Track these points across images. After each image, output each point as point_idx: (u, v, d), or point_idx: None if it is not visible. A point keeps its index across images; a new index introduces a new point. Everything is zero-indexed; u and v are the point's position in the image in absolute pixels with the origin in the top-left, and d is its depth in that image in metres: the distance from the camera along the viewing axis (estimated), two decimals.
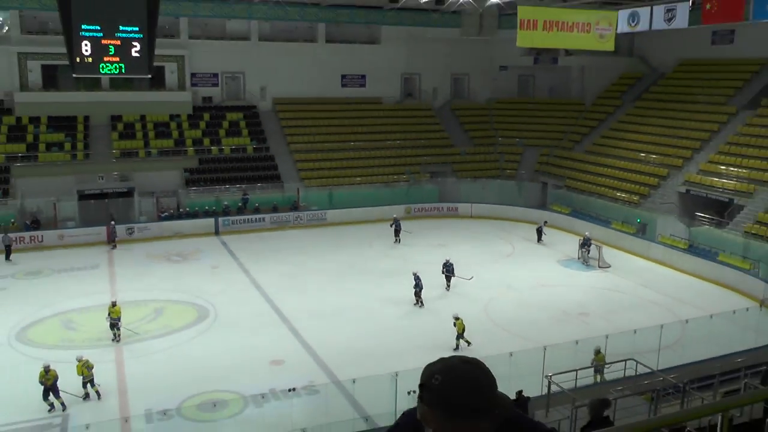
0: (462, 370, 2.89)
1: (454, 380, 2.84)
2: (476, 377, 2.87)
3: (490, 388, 2.89)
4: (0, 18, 48.05)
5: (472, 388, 2.83)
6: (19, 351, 25.30)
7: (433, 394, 2.86)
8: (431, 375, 2.91)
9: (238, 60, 52.44)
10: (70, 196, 42.68)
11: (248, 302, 30.02)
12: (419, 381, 2.98)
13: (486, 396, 2.84)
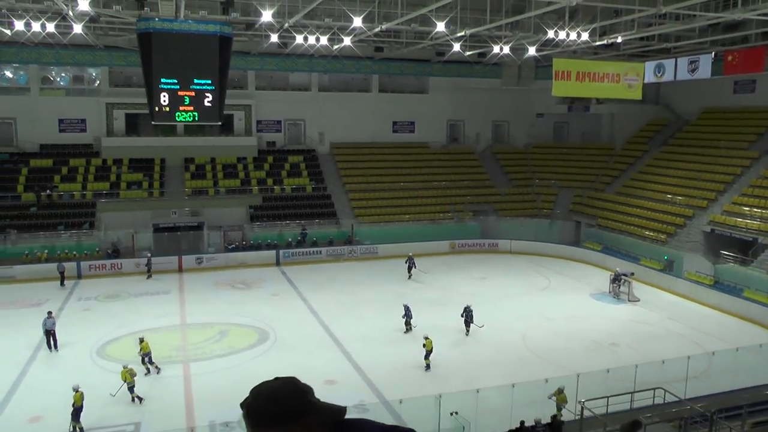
0: (265, 385, 2.83)
1: (255, 395, 2.78)
2: (276, 388, 2.81)
3: (294, 397, 2.81)
4: (93, 73, 49.87)
5: (270, 399, 2.76)
6: (98, 365, 25.74)
7: (243, 411, 2.77)
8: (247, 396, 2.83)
9: (300, 108, 53.44)
10: (147, 229, 43.67)
11: (305, 327, 30.00)
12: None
13: (288, 404, 2.76)
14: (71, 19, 32.96)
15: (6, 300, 34.60)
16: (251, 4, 32.71)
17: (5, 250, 40.79)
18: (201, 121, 26.24)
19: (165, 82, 25.00)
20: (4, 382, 23.72)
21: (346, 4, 32.12)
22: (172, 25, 24.92)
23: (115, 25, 38.64)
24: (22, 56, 45.47)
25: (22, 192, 45.29)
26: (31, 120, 48.30)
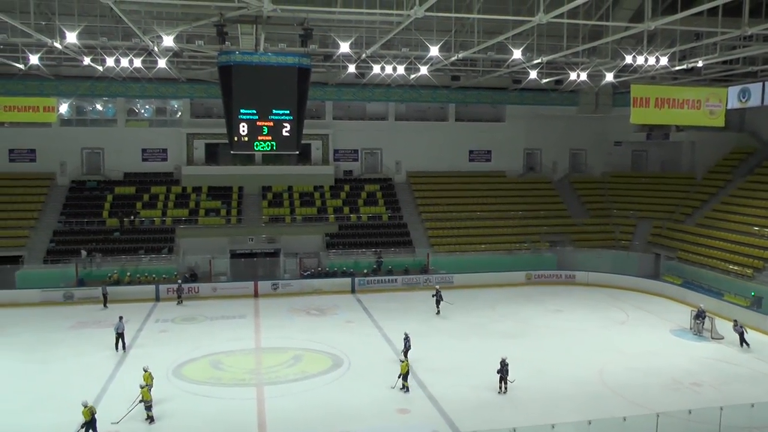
0: None
1: None
2: None
3: None
4: (175, 105, 51.98)
5: None
6: (174, 385, 26.46)
7: None
8: None
9: (376, 137, 54.20)
10: (224, 255, 45.01)
11: (379, 354, 30.01)
12: None
13: None
14: (156, 55, 34.51)
15: (90, 319, 36.46)
16: (329, 35, 33.54)
17: (90, 272, 42.68)
18: (279, 151, 26.89)
19: (244, 112, 25.80)
20: (87, 397, 24.29)
21: (423, 33, 32.57)
22: (252, 58, 25.73)
23: (197, 59, 40.37)
24: (111, 90, 48.22)
25: (107, 217, 47.65)
26: (117, 150, 51.03)
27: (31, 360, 29.65)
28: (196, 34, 32.52)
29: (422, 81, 44.15)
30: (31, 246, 44.84)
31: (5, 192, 48.25)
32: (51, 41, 30.38)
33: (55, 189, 50.03)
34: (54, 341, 32.65)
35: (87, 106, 52.21)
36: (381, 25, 31.15)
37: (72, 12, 30.46)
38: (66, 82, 47.39)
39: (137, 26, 29.15)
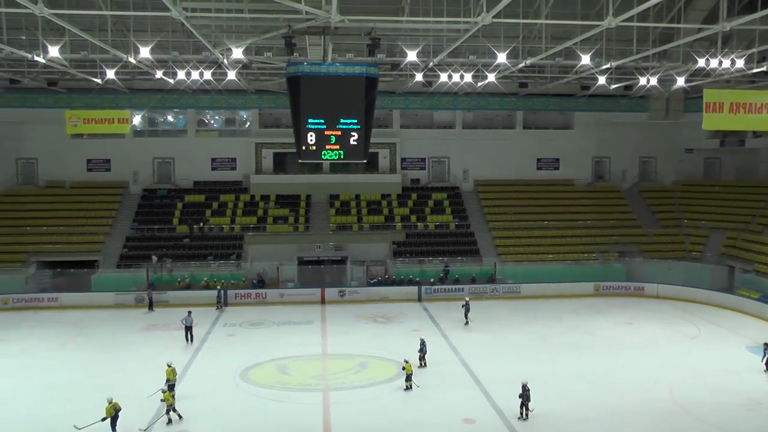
0: None
1: None
2: None
3: None
4: (244, 115, 53.22)
5: None
6: (241, 388, 27.09)
7: None
8: None
9: (444, 146, 54.35)
10: (291, 262, 45.73)
11: (445, 363, 29.94)
12: None
13: None
14: (226, 67, 35.44)
15: (160, 322, 37.91)
16: (397, 44, 33.80)
17: (161, 277, 44.18)
18: (347, 159, 27.19)
19: (312, 122, 26.19)
20: (157, 396, 25.24)
21: (491, 40, 32.54)
22: (320, 69, 26.08)
23: (265, 71, 41.31)
24: (182, 102, 50.05)
25: (177, 224, 49.31)
26: (187, 159, 52.81)
27: (104, 360, 31.02)
28: (264, 46, 33.21)
29: (490, 88, 44.01)
30: (106, 251, 46.82)
31: (83, 200, 50.73)
32: (126, 56, 31.71)
33: (128, 197, 52.03)
34: (125, 342, 34.13)
35: (159, 118, 54.11)
36: (448, 33, 31.24)
37: (145, 28, 31.74)
38: (139, 95, 49.34)
39: (208, 40, 30.05)
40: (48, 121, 48.95)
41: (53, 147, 51.25)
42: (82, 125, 42.06)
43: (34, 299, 42.21)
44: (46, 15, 23.18)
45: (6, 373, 29.12)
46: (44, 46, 30.08)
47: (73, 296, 42.44)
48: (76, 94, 49.33)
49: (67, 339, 34.78)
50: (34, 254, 46.34)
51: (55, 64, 36.11)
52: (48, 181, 52.49)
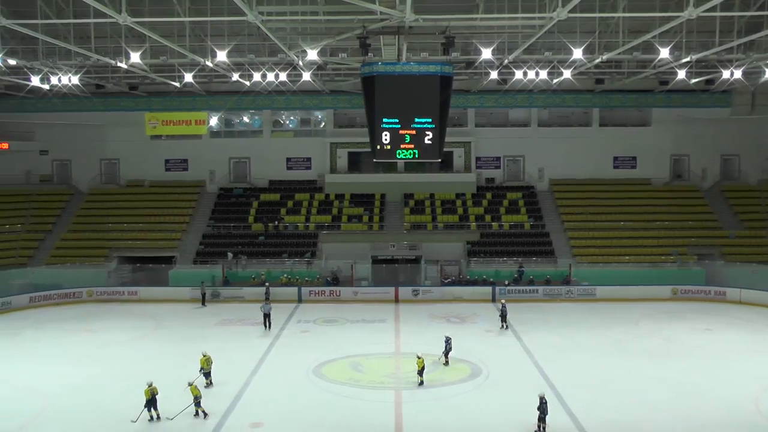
0: None
1: None
2: None
3: None
4: (319, 116, 53.88)
5: None
6: (314, 384, 27.46)
7: None
8: None
9: (519, 144, 53.79)
10: (365, 260, 45.91)
11: (518, 366, 29.64)
12: None
13: None
14: (301, 68, 35.94)
15: (235, 317, 39.01)
16: (471, 42, 33.58)
17: (236, 273, 45.26)
18: (421, 159, 27.24)
19: (387, 121, 26.31)
20: (231, 390, 26.45)
21: (566, 36, 31.99)
22: (394, 68, 26.18)
23: (340, 71, 41.70)
24: (258, 103, 51.34)
25: (252, 222, 50.50)
26: (263, 159, 54.03)
27: (181, 353, 31.89)
28: (339, 47, 33.45)
29: (565, 85, 43.41)
30: (183, 248, 48.37)
31: (161, 198, 52.64)
32: (203, 60, 32.65)
33: (205, 196, 53.51)
34: (201, 336, 35.00)
35: (235, 119, 55.35)
36: (523, 30, 30.80)
37: (222, 33, 32.49)
38: (216, 97, 50.69)
39: (283, 42, 30.57)
40: (129, 123, 51.25)
41: (134, 148, 53.59)
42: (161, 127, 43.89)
43: (115, 292, 44.37)
44: (129, 23, 24.41)
45: (90, 361, 30.56)
46: (126, 53, 31.49)
47: (151, 290, 44.18)
48: (155, 97, 51.35)
49: (146, 331, 36.24)
50: (116, 250, 48.54)
51: (137, 69, 37.57)
52: (129, 180, 54.80)
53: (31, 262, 47.82)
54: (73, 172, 55.54)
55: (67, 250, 48.59)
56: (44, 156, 55.42)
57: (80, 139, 53.95)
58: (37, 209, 52.80)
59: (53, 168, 55.84)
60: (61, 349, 33.12)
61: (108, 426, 23.37)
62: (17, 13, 27.45)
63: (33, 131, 54.40)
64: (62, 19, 28.31)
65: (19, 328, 37.32)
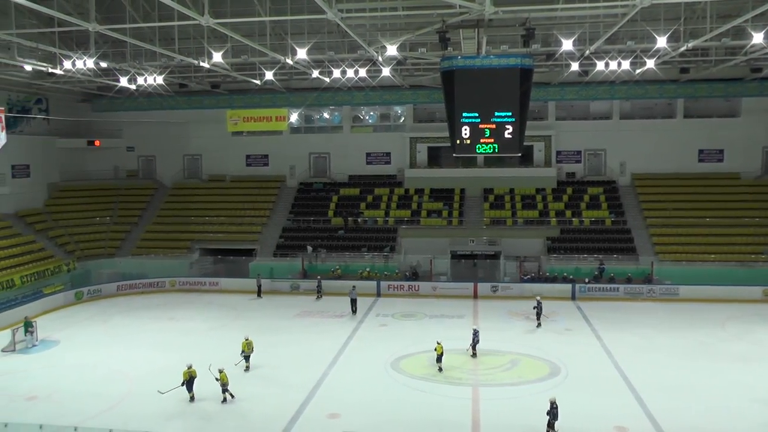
0: None
1: None
2: None
3: None
4: (398, 111, 54.03)
5: None
6: (392, 377, 27.74)
7: None
8: None
9: (600, 138, 52.58)
10: (444, 255, 45.80)
11: (598, 366, 29.01)
12: None
13: None
14: (380, 64, 36.04)
15: (315, 310, 39.76)
16: (552, 34, 33.05)
17: (315, 266, 45.97)
18: (501, 153, 26.98)
19: (467, 116, 26.15)
20: (310, 381, 27.07)
21: (650, 24, 31.07)
22: (474, 62, 25.94)
23: (419, 66, 41.65)
24: (337, 99, 51.78)
25: (332, 217, 51.11)
26: (343, 154, 54.66)
27: (261, 342, 32.34)
28: (418, 42, 33.48)
29: (648, 75, 42.18)
30: (263, 241, 49.45)
31: (242, 193, 53.98)
32: (284, 58, 33.16)
33: (285, 190, 54.49)
34: (281, 327, 36.06)
35: (315, 115, 56.02)
36: (605, 19, 30.00)
37: (302, 31, 32.94)
38: (296, 93, 51.36)
39: (362, 38, 30.74)
40: (211, 120, 52.91)
41: (215, 144, 55.30)
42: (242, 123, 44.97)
43: (197, 282, 45.77)
44: (211, 24, 25.32)
45: (173, 348, 31.84)
46: (209, 53, 32.33)
47: (232, 281, 45.25)
48: (236, 95, 52.71)
49: (226, 321, 37.23)
50: (198, 242, 50.17)
51: (218, 69, 38.67)
52: (211, 175, 56.45)
53: (118, 253, 50.09)
54: (157, 167, 57.94)
55: (151, 242, 50.63)
56: (131, 152, 58.03)
57: (164, 136, 56.28)
58: (124, 203, 55.19)
59: (139, 163, 58.31)
60: (145, 335, 34.85)
61: (187, 410, 24.50)
62: (108, 19, 28.86)
63: (121, 129, 57.04)
64: (148, 22, 29.38)
65: (108, 314, 39.47)
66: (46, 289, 41.79)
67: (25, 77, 41.44)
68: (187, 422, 23.40)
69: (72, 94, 53.39)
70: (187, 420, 23.68)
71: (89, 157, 57.31)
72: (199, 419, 23.67)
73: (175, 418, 23.86)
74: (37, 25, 32.15)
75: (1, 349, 32.13)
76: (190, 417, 23.94)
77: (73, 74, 38.16)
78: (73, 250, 49.02)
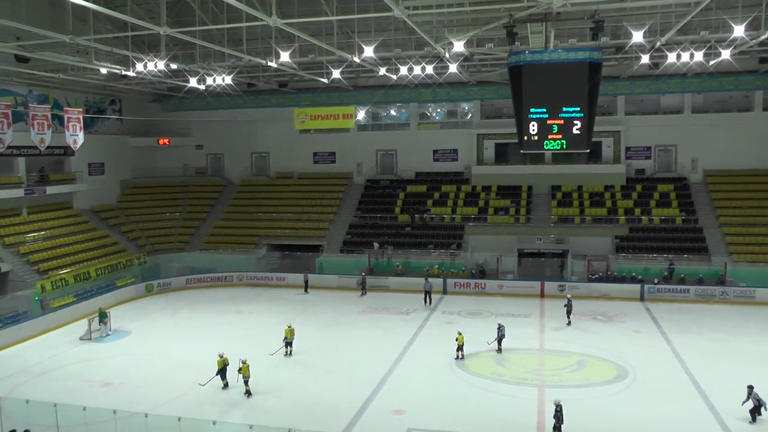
0: None
1: None
2: None
3: None
4: (465, 107, 53.67)
5: None
6: (457, 375, 27.67)
7: None
8: None
9: (671, 133, 50.98)
10: (511, 253, 45.35)
11: (667, 371, 28.04)
12: None
13: None
14: (447, 60, 35.86)
15: (380, 306, 39.87)
16: (621, 26, 32.34)
17: (382, 263, 45.98)
18: (569, 149, 26.43)
19: (534, 111, 25.77)
20: (375, 377, 27.21)
21: (726, 12, 30.09)
22: (541, 56, 25.53)
23: (487, 62, 41.37)
24: (404, 96, 51.91)
25: (398, 213, 51.06)
26: (410, 151, 54.63)
27: (326, 337, 33.41)
28: (485, 38, 33.15)
29: (723, 67, 40.71)
30: (330, 237, 49.93)
31: (309, 189, 54.60)
32: (351, 57, 33.31)
33: (352, 187, 54.78)
34: (346, 323, 36.41)
35: (382, 112, 56.17)
36: (677, 8, 29.05)
37: (369, 29, 33.18)
38: (363, 91, 51.65)
39: (429, 35, 30.62)
40: (279, 118, 53.64)
41: (283, 142, 56.14)
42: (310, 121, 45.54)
43: (264, 277, 46.56)
44: (279, 25, 25.77)
45: (241, 341, 32.39)
46: (276, 53, 32.71)
47: (298, 277, 45.48)
48: (304, 93, 53.32)
49: (292, 315, 37.42)
50: (265, 237, 51.07)
51: (286, 68, 39.25)
52: (278, 172, 57.30)
53: (187, 248, 51.38)
54: (225, 165, 59.20)
55: (219, 237, 51.74)
56: (199, 150, 59.48)
57: (232, 134, 57.39)
58: (193, 199, 56.61)
59: (207, 161, 59.69)
60: (212, 327, 35.74)
61: (251, 400, 25.16)
62: (178, 22, 29.73)
63: (190, 128, 58.54)
64: (217, 24, 30.07)
65: (177, 307, 40.65)
66: (118, 282, 43.60)
67: (100, 80, 42.88)
68: (251, 412, 23.82)
69: (143, 95, 55.19)
70: (252, 410, 24.15)
71: (159, 155, 59.09)
72: (263, 410, 24.09)
73: (239, 407, 24.47)
74: (111, 30, 33.49)
75: (79, 337, 34.05)
76: (255, 407, 24.45)
77: (144, 76, 39.36)
78: (144, 244, 50.56)
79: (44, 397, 24.02)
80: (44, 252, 43.27)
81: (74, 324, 36.30)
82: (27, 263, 41.61)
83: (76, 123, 37.87)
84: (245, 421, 20.29)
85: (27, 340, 33.84)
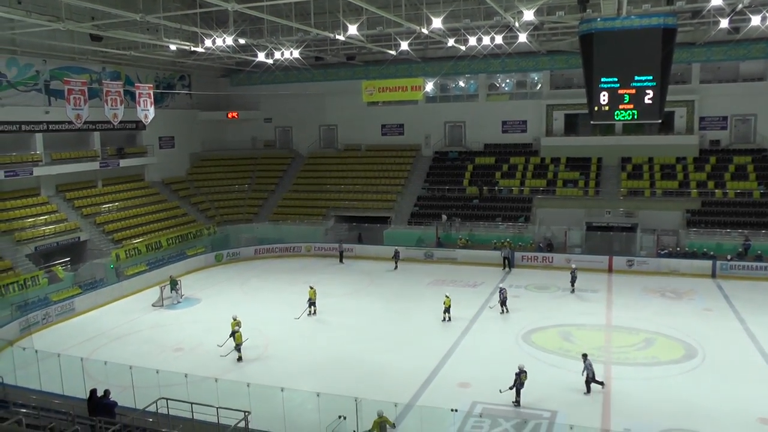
0: None
1: None
2: None
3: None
4: (535, 78, 52.89)
5: None
6: (523, 350, 27.55)
7: None
8: None
9: (750, 102, 48.52)
10: (579, 227, 44.68)
11: (740, 351, 27.13)
12: None
13: None
14: (516, 30, 35.20)
15: (448, 278, 39.98)
16: None
17: (449, 235, 46.11)
18: (640, 120, 25.88)
19: (605, 81, 25.30)
20: (442, 349, 27.48)
21: None
22: (614, 23, 25.00)
23: (557, 31, 40.44)
24: (473, 68, 51.17)
25: (467, 185, 50.91)
26: (478, 123, 54.14)
27: (394, 309, 33.76)
28: (556, 5, 32.52)
29: None
30: (398, 209, 50.06)
31: (377, 162, 54.79)
32: (419, 28, 33.03)
33: (420, 159, 54.66)
34: (414, 295, 36.68)
35: (450, 84, 55.68)
36: None
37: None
38: (431, 63, 51.27)
39: (498, 4, 30.11)
40: (347, 91, 53.84)
41: (351, 114, 56.48)
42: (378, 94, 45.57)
43: (332, 248, 47.02)
44: None
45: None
46: (344, 26, 32.75)
47: (366, 248, 46.29)
48: (372, 66, 53.48)
49: (360, 286, 38.21)
50: (333, 209, 51.69)
51: (354, 41, 39.14)
52: (346, 144, 57.66)
53: (256, 219, 52.34)
54: (294, 137, 59.95)
55: (287, 209, 52.56)
56: (268, 123, 60.45)
57: (301, 108, 57.99)
58: (262, 171, 57.59)
59: (276, 134, 60.56)
60: (281, 297, 36.59)
61: (319, 368, 25.88)
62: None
63: (258, 101, 59.40)
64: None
65: (247, 277, 41.75)
66: (189, 251, 44.95)
67: (170, 56, 43.97)
68: (321, 379, 24.27)
69: (212, 70, 56.33)
70: (321, 377, 24.73)
71: (228, 128, 60.20)
72: (332, 378, 24.54)
73: (309, 374, 25.15)
74: (180, 7, 34.15)
75: (152, 304, 35.58)
76: (323, 374, 25.07)
77: (213, 51, 40.12)
78: (214, 215, 51.78)
79: (121, 360, 25.20)
80: (118, 222, 44.89)
81: (147, 291, 37.91)
82: (103, 233, 43.23)
83: (147, 98, 38.88)
84: (313, 389, 20.62)
85: (104, 306, 35.69)
